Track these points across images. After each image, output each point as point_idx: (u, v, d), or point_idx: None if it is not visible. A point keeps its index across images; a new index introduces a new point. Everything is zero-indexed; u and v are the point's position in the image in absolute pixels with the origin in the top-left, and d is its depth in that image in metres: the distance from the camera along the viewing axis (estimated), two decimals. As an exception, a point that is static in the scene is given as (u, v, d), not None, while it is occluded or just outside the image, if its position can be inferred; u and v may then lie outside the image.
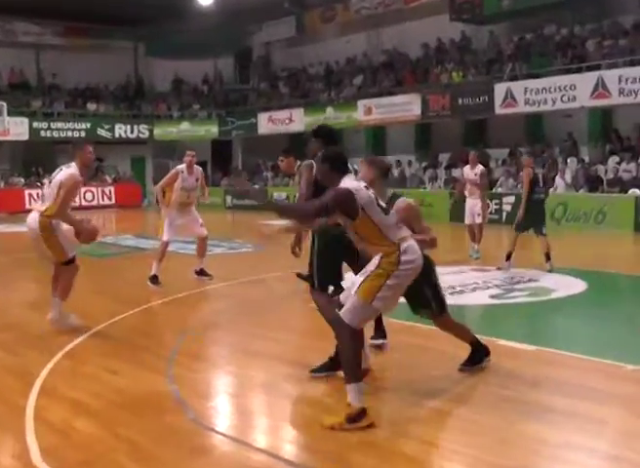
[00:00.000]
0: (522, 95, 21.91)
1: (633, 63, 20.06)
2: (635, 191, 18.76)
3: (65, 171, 7.71)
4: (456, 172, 22.56)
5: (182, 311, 9.21)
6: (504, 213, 20.07)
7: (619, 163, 20.52)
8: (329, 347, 6.02)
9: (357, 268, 5.52)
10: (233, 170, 33.67)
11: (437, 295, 6.02)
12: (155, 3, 29.46)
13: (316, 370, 6.05)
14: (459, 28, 26.80)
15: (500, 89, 22.54)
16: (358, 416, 4.86)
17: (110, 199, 32.02)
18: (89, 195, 30.69)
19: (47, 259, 7.94)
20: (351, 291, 5.02)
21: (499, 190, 21.22)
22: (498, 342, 6.99)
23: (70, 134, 31.82)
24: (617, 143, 21.63)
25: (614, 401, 5.41)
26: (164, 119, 34.56)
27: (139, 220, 27.30)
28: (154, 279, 10.76)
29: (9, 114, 30.17)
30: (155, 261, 10.90)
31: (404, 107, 25.55)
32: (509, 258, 11.53)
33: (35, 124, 31.17)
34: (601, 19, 22.96)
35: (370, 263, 5.02)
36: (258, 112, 31.49)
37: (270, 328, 8.06)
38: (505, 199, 20.33)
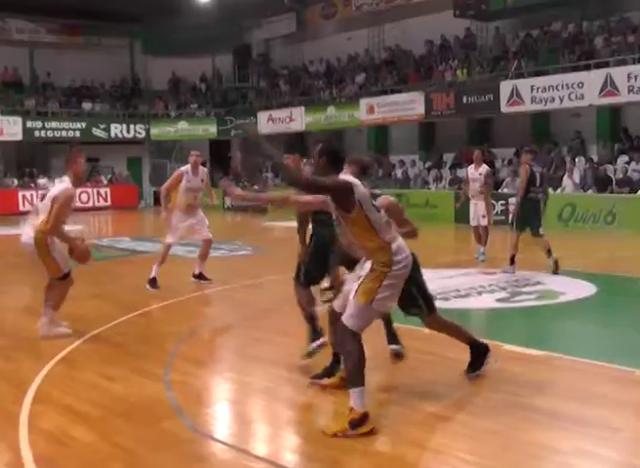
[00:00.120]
0: (528, 93, 21.86)
1: (643, 60, 20.06)
2: (645, 191, 18.78)
3: (58, 185, 7.88)
4: (461, 172, 22.54)
5: (180, 315, 9.20)
6: (511, 214, 19.98)
7: (628, 162, 20.52)
8: (330, 353, 6.05)
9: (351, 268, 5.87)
10: (232, 169, 33.67)
11: (425, 294, 6.09)
12: (152, -1, 29.56)
13: (317, 377, 6.05)
14: (463, 25, 26.76)
15: (506, 87, 22.49)
16: (361, 421, 4.88)
17: (106, 200, 32.01)
18: (84, 196, 30.63)
19: (41, 272, 7.99)
20: (349, 296, 5.10)
21: (505, 191, 21.18)
22: (504, 347, 6.99)
23: (65, 133, 31.85)
24: (626, 142, 21.63)
25: (624, 407, 5.41)
26: (161, 118, 34.56)
27: (135, 222, 27.33)
28: (153, 282, 10.77)
29: (2, 113, 30.27)
30: (156, 264, 10.91)
31: (407, 106, 25.50)
32: (513, 261, 11.51)
33: (29, 123, 31.18)
34: (609, 15, 22.93)
35: (363, 268, 5.13)
36: (257, 111, 31.51)
37: (270, 332, 8.06)
38: (512, 200, 20.24)
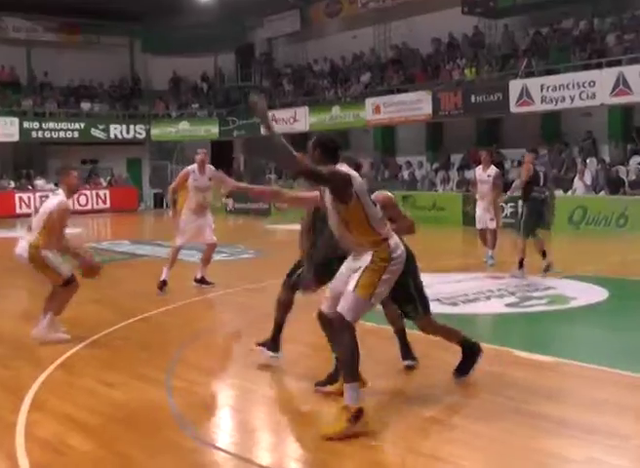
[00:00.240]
0: (538, 92, 21.84)
1: (656, 59, 20.04)
2: (659, 193, 18.75)
3: (52, 199, 7.90)
4: (469, 173, 22.52)
5: (182, 320, 9.21)
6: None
7: (641, 163, 20.50)
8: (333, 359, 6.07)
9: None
10: (235, 170, 33.74)
11: (421, 294, 6.14)
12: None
13: (321, 384, 6.05)
14: (471, 22, 26.73)
15: (516, 86, 22.48)
16: (357, 416, 4.97)
17: (105, 203, 32.06)
18: (82, 199, 30.66)
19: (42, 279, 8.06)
20: (348, 287, 5.12)
21: (514, 193, 21.09)
22: (514, 353, 6.99)
23: (63, 134, 31.93)
24: (639, 143, 21.60)
25: (636, 414, 5.39)
26: (162, 119, 34.61)
27: (134, 225, 27.36)
28: (163, 284, 10.83)
29: (-2, 114, 30.36)
30: (166, 267, 10.97)
31: (414, 106, 25.49)
32: (522, 265, 11.52)
33: (26, 124, 31.25)
34: (621, 12, 22.89)
35: (361, 260, 5.16)
36: (260, 111, 31.47)
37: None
38: (522, 202, 20.21)
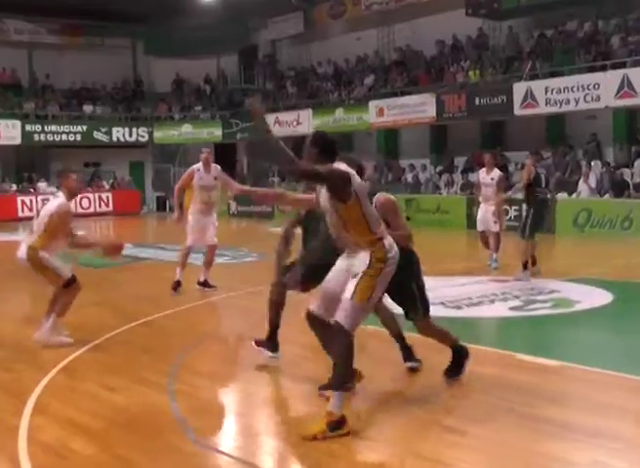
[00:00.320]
0: (543, 94, 21.85)
1: (661, 61, 20.04)
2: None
3: (53, 201, 7.98)
4: (473, 176, 22.53)
5: (184, 324, 9.22)
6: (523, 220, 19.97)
7: (646, 166, 20.49)
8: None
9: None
10: (238, 173, 33.77)
11: (423, 296, 6.19)
12: (155, -1, 29.68)
13: (324, 387, 6.06)
14: (475, 24, 26.77)
15: (520, 88, 22.48)
16: (339, 424, 5.04)
17: (108, 206, 32.10)
18: (85, 202, 30.74)
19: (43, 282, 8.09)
20: (346, 295, 5.14)
21: (518, 196, 21.11)
22: (517, 357, 7.00)
23: (65, 137, 31.97)
24: (644, 145, 21.60)
25: (641, 419, 5.40)
26: (164, 121, 34.66)
27: (137, 229, 27.37)
28: (177, 285, 10.90)
29: (0, 117, 30.36)
30: (179, 267, 11.04)
31: (418, 108, 25.51)
32: (526, 267, 11.55)
33: (28, 127, 31.32)
34: (626, 14, 22.87)
35: (357, 261, 5.19)
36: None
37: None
38: (525, 205, 20.22)
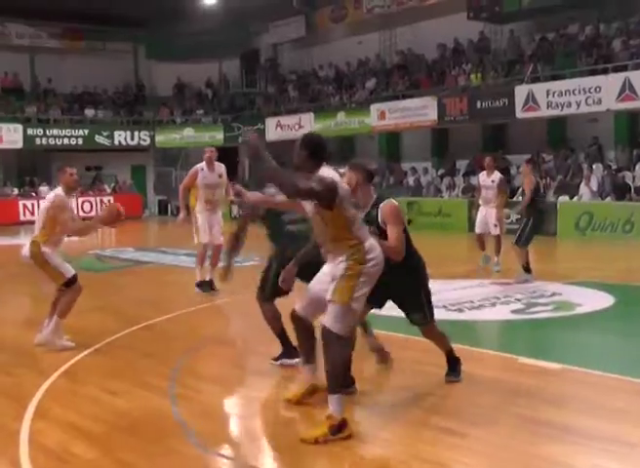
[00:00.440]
0: (544, 97, 21.88)
1: (662, 64, 20.06)
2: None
3: (48, 196, 8.09)
4: (474, 179, 22.51)
5: (186, 328, 9.22)
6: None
7: (647, 169, 20.49)
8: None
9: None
10: (239, 178, 33.72)
11: (429, 302, 6.21)
12: (156, 2, 29.67)
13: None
14: (477, 28, 26.82)
15: (521, 91, 22.51)
16: (340, 427, 5.04)
17: (109, 210, 32.01)
18: (87, 205, 30.77)
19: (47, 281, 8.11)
20: (327, 298, 5.15)
21: (520, 199, 21.09)
22: (519, 360, 7.00)
23: (67, 141, 32.00)
24: (645, 148, 21.61)
25: (643, 422, 5.40)
26: (166, 125, 34.67)
27: (139, 232, 27.38)
28: (200, 285, 11.03)
29: (2, 121, 30.41)
30: (197, 268, 11.03)
31: (419, 112, 25.55)
32: (528, 270, 11.60)
33: (30, 131, 31.35)
34: (627, 17, 22.91)
35: (338, 264, 5.19)
36: (265, 117, 31.59)
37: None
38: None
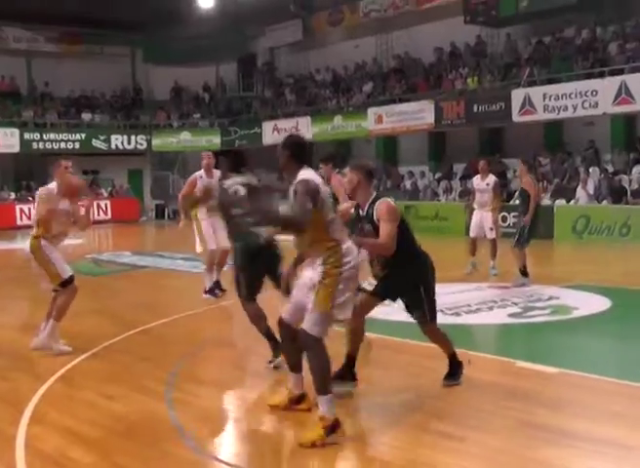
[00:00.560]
0: (541, 101, 21.88)
1: (658, 67, 20.06)
2: (662, 202, 18.75)
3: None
4: (471, 183, 22.52)
5: (183, 332, 9.20)
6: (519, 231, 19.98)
7: (644, 172, 20.50)
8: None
9: (277, 280, 6.51)
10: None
11: (431, 301, 6.23)
12: (153, 6, 29.64)
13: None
14: (473, 31, 26.83)
15: (518, 95, 22.52)
16: (334, 427, 5.10)
17: (106, 214, 32.01)
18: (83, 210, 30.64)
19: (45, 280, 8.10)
20: (308, 306, 5.21)
21: (517, 202, 21.10)
22: (517, 364, 7.00)
23: (64, 145, 31.94)
24: (642, 152, 21.61)
25: (639, 424, 5.39)
26: (163, 129, 34.65)
27: (136, 236, 27.37)
28: (211, 291, 10.95)
29: (-1, 125, 30.39)
30: (206, 275, 11.02)
31: (416, 115, 25.55)
32: (526, 273, 11.60)
33: (26, 135, 31.29)
34: (624, 20, 22.95)
35: (315, 273, 5.24)
36: (262, 121, 31.56)
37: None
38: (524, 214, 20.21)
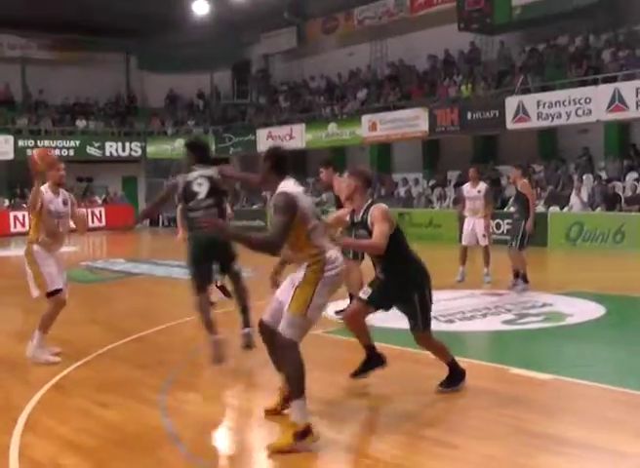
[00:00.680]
0: (535, 109, 21.94)
1: (651, 75, 20.15)
2: (656, 209, 18.79)
3: None
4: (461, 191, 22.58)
5: (177, 339, 9.18)
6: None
7: (637, 179, 20.52)
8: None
9: (231, 271, 7.00)
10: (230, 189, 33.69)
11: (424, 310, 6.21)
12: (148, 13, 29.66)
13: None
14: (467, 39, 26.93)
15: (512, 102, 22.57)
16: (304, 433, 5.06)
17: (100, 221, 32.05)
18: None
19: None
20: (285, 307, 5.23)
21: (511, 209, 21.13)
22: (511, 371, 7.00)
23: (58, 152, 31.73)
24: (635, 159, 21.65)
25: (633, 431, 5.38)
26: (157, 136, 34.68)
27: (130, 244, 27.33)
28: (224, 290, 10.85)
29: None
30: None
31: (410, 123, 25.59)
32: (526, 279, 11.65)
33: (21, 142, 31.32)
34: (617, 28, 23.07)
35: (295, 277, 5.30)
36: (257, 128, 31.58)
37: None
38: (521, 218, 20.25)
